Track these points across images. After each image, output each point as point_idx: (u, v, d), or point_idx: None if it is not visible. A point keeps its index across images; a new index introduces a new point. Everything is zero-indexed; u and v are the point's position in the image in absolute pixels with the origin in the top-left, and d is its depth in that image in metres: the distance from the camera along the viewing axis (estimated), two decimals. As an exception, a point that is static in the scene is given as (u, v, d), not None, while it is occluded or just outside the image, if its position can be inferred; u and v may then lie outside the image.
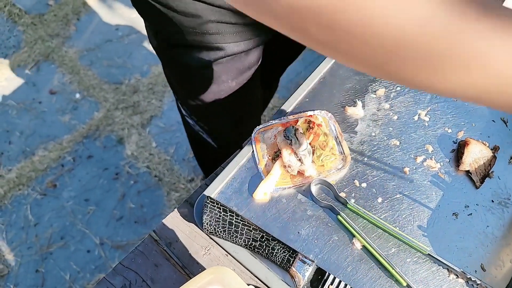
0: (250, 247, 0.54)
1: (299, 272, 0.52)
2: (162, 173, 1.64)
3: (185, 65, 0.73)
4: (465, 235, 0.56)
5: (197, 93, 0.78)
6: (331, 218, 0.57)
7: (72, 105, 1.82)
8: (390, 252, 0.55)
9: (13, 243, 1.49)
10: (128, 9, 2.13)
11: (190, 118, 0.91)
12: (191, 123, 0.93)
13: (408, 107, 0.67)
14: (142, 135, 1.74)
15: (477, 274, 0.53)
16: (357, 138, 0.64)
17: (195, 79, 0.75)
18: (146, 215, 1.55)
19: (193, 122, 0.91)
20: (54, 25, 2.07)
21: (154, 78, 1.89)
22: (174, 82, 0.84)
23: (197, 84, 0.76)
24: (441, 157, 0.62)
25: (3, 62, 1.96)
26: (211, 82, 0.74)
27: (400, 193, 0.59)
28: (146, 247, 0.56)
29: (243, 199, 0.59)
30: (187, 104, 0.86)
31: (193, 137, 1.02)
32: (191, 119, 0.91)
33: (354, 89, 0.68)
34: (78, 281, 1.40)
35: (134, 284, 0.53)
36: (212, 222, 0.54)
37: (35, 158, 1.67)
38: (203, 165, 1.29)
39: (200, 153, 1.20)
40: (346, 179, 0.61)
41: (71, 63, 1.94)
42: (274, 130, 0.64)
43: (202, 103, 0.80)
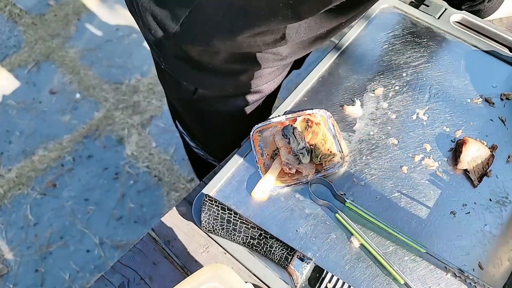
0: (248, 245, 0.54)
1: (297, 270, 0.52)
2: (162, 173, 1.64)
3: (218, 112, 0.72)
4: (463, 234, 0.56)
5: (215, 131, 0.77)
6: (329, 216, 0.58)
7: (72, 105, 1.82)
8: (388, 251, 0.55)
9: (12, 242, 1.49)
10: (128, 9, 2.13)
11: (201, 150, 0.90)
12: (202, 154, 0.92)
13: (407, 106, 0.67)
14: (142, 135, 1.74)
15: (475, 273, 0.54)
16: (356, 137, 0.64)
17: (224, 123, 0.74)
18: (146, 215, 1.56)
19: (204, 153, 0.90)
20: (54, 25, 2.08)
21: (154, 78, 1.89)
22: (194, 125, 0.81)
23: (223, 126, 0.75)
24: (439, 156, 0.62)
25: (3, 62, 1.96)
26: (240, 121, 0.73)
27: (398, 191, 0.59)
28: (145, 245, 0.56)
29: (241, 197, 0.59)
30: (200, 140, 0.85)
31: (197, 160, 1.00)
32: (202, 151, 0.90)
33: (353, 88, 0.69)
34: (77, 281, 1.41)
35: (132, 282, 0.53)
36: (210, 220, 0.54)
37: (35, 157, 1.67)
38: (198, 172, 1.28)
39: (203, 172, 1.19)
40: (344, 177, 0.61)
41: (72, 63, 1.95)
42: (272, 128, 0.65)
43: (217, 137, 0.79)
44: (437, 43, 0.73)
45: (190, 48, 0.61)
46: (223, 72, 0.64)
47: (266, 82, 0.67)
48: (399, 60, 0.71)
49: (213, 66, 0.63)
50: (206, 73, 0.64)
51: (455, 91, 0.68)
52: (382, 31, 0.75)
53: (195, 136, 0.86)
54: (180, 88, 0.71)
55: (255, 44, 0.58)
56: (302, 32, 0.57)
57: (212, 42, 0.57)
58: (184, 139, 0.92)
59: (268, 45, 0.58)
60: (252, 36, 0.56)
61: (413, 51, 0.72)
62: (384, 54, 0.72)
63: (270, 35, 0.56)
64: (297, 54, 0.64)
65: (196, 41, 0.59)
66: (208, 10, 0.54)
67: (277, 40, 0.57)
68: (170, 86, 0.74)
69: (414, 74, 0.70)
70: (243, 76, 0.65)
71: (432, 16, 0.75)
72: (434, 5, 0.77)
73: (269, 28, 0.54)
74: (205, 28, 0.56)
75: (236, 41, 0.56)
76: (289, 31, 0.56)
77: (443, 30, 0.74)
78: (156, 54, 0.67)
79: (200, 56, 0.62)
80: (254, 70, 0.64)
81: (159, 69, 0.73)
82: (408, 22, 0.76)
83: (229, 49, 0.59)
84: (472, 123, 0.65)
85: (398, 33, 0.74)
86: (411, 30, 0.75)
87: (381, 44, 0.73)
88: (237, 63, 0.62)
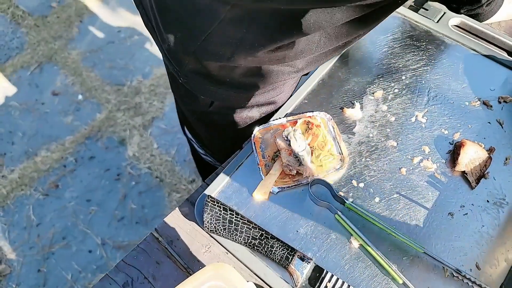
0: (249, 245, 0.55)
1: (297, 270, 0.53)
2: (164, 174, 1.65)
3: (232, 124, 0.72)
4: (461, 235, 0.57)
5: (227, 140, 0.77)
6: (329, 217, 0.59)
7: (75, 106, 1.84)
8: (386, 251, 0.56)
9: (15, 243, 1.50)
10: (130, 11, 2.15)
11: (209, 157, 0.90)
12: (210, 161, 0.92)
13: (406, 109, 0.68)
14: (143, 136, 1.75)
15: (472, 273, 0.55)
16: (355, 139, 0.65)
17: (236, 133, 0.75)
18: (147, 215, 1.57)
19: (213, 159, 0.91)
20: (57, 27, 2.09)
21: (156, 80, 1.90)
22: (205, 134, 0.81)
23: (236, 136, 0.75)
24: (437, 158, 0.63)
25: (6, 63, 1.98)
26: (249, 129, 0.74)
27: (397, 193, 0.60)
28: (148, 245, 0.57)
29: (243, 198, 0.60)
30: (210, 148, 0.85)
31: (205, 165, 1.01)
32: (212, 157, 0.90)
33: (352, 91, 0.70)
34: (79, 281, 1.42)
35: (136, 281, 0.54)
36: (212, 221, 0.55)
37: (37, 158, 1.68)
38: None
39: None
40: (344, 179, 0.62)
41: (74, 65, 1.96)
42: (273, 131, 0.66)
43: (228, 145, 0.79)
44: (436, 46, 0.74)
45: (210, 64, 0.61)
46: (240, 85, 0.64)
47: (280, 93, 0.68)
48: (398, 63, 0.72)
49: (230, 80, 0.64)
50: (223, 87, 0.65)
51: (454, 94, 0.69)
52: (381, 35, 0.76)
53: (205, 144, 0.87)
54: (196, 101, 0.71)
55: (275, 58, 0.58)
56: (323, 44, 0.57)
57: (234, 58, 0.58)
58: (193, 146, 0.93)
59: (288, 58, 0.59)
60: (273, 51, 0.57)
61: (412, 55, 0.73)
62: (384, 57, 0.73)
63: (291, 49, 0.57)
64: (312, 66, 0.65)
65: (217, 58, 0.59)
66: (231, 27, 0.55)
67: (297, 54, 0.58)
68: (185, 98, 0.74)
69: (413, 77, 0.71)
70: (259, 89, 0.65)
71: (431, 20, 0.77)
72: (433, 9, 0.78)
73: (291, 40, 0.55)
74: (226, 45, 0.57)
75: (257, 56, 0.57)
76: (310, 45, 0.57)
77: (442, 33, 0.75)
78: (173, 68, 0.67)
79: (219, 71, 0.62)
80: (270, 83, 0.64)
81: (174, 80, 0.73)
82: (407, 26, 0.77)
83: (249, 64, 0.59)
84: (470, 125, 0.66)
85: (398, 36, 0.75)
86: (410, 33, 0.76)
87: (380, 48, 0.74)
88: (254, 76, 0.63)
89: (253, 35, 0.54)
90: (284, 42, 0.55)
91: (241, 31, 0.54)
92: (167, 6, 0.59)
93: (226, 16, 0.53)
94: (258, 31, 0.54)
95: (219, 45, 0.57)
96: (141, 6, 0.67)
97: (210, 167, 0.96)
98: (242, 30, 0.54)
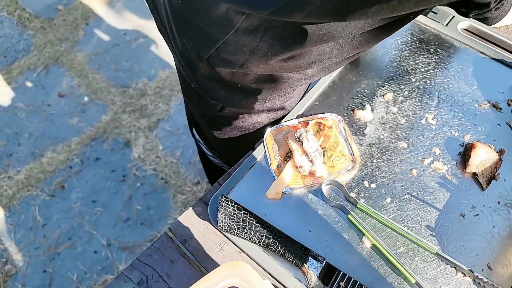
0: (263, 245, 0.56)
1: (310, 269, 0.54)
2: (169, 176, 1.66)
3: (241, 128, 0.73)
4: (472, 235, 0.58)
5: (235, 144, 0.78)
6: (341, 217, 0.59)
7: (80, 108, 1.85)
8: (399, 251, 0.56)
9: (21, 243, 1.50)
10: (135, 14, 2.16)
11: (217, 159, 0.91)
12: (216, 162, 0.93)
13: (416, 111, 0.68)
14: (149, 138, 1.76)
15: (484, 273, 0.55)
16: (366, 140, 0.66)
17: (244, 137, 0.75)
18: (153, 217, 1.57)
19: (220, 162, 0.92)
20: (63, 29, 2.11)
21: (161, 82, 1.91)
22: (213, 138, 0.82)
23: (243, 140, 0.76)
24: (448, 160, 0.64)
25: (13, 65, 1.99)
26: (258, 133, 0.75)
27: (408, 194, 0.61)
28: (162, 243, 0.58)
29: (255, 198, 0.61)
30: (218, 150, 0.86)
31: (212, 167, 1.02)
32: (219, 160, 0.91)
33: (363, 93, 0.70)
34: (85, 282, 1.42)
35: (151, 279, 0.55)
36: (226, 220, 0.56)
37: (43, 159, 1.69)
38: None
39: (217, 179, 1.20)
40: (355, 180, 0.62)
41: (80, 67, 1.97)
42: (285, 132, 0.66)
43: (236, 149, 0.80)
44: (445, 49, 0.75)
45: (222, 70, 0.62)
46: (251, 91, 0.65)
47: (289, 99, 0.69)
48: (408, 66, 0.73)
49: (242, 86, 0.64)
50: (234, 92, 0.66)
51: (463, 96, 0.70)
52: (391, 38, 0.76)
53: (213, 146, 0.87)
54: (207, 105, 0.72)
55: (287, 67, 0.59)
56: (334, 55, 0.58)
57: (247, 65, 0.59)
58: (200, 147, 0.94)
59: (300, 68, 0.60)
60: (285, 60, 0.57)
61: (421, 57, 0.74)
62: (393, 60, 0.74)
63: (303, 59, 0.58)
64: (323, 73, 0.66)
65: (230, 65, 0.60)
66: (245, 36, 0.55)
67: (309, 63, 0.59)
68: (196, 102, 0.75)
69: (423, 79, 0.72)
70: (269, 95, 0.66)
71: (440, 23, 0.77)
72: (442, 13, 0.79)
73: (304, 50, 0.55)
74: (240, 53, 0.57)
75: (269, 64, 0.58)
76: (322, 55, 0.58)
77: (451, 37, 0.76)
78: (186, 73, 0.68)
79: (231, 77, 0.63)
80: (281, 89, 0.65)
81: (185, 83, 0.74)
82: (417, 29, 0.78)
83: (262, 72, 0.60)
84: (480, 127, 0.66)
85: (407, 39, 0.76)
86: (419, 36, 0.77)
87: (390, 51, 0.75)
88: (265, 83, 0.64)
89: (266, 44, 0.55)
90: (297, 51, 0.55)
91: (255, 40, 0.55)
92: (183, 14, 0.60)
93: (241, 25, 0.54)
94: (271, 40, 0.55)
95: (233, 53, 0.58)
96: (155, 11, 0.68)
97: (217, 169, 0.97)
98: (256, 39, 0.55)
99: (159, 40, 2.06)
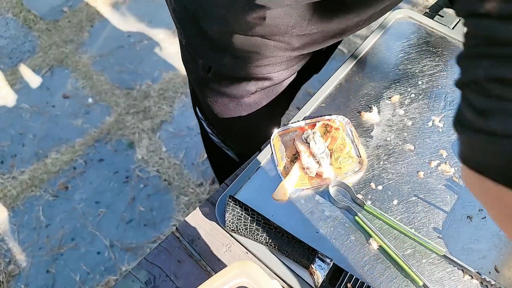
0: (270, 245, 0.56)
1: (317, 270, 0.54)
2: (172, 177, 1.66)
3: (229, 94, 0.74)
4: (479, 238, 0.58)
5: (232, 118, 0.79)
6: (348, 219, 0.59)
7: (85, 109, 1.85)
8: (406, 253, 0.56)
9: (24, 243, 1.50)
10: (140, 17, 2.17)
11: (216, 137, 0.93)
12: (216, 141, 0.94)
13: (422, 114, 0.69)
14: (152, 139, 1.76)
15: (491, 275, 0.55)
16: (373, 142, 0.66)
17: (235, 108, 0.77)
18: (156, 218, 1.57)
19: (219, 140, 0.93)
20: (68, 31, 2.12)
21: (165, 84, 1.92)
22: (208, 109, 0.84)
23: (235, 111, 0.77)
24: (455, 162, 0.64)
25: (18, 67, 2.00)
26: (251, 108, 0.76)
27: (415, 196, 0.61)
28: (170, 243, 0.58)
29: (262, 199, 0.61)
30: (216, 126, 0.88)
31: (214, 150, 1.04)
32: (217, 137, 0.92)
33: (370, 95, 0.71)
34: (88, 283, 1.42)
35: (158, 279, 0.55)
36: (234, 220, 0.56)
37: (47, 160, 1.70)
38: (219, 173, 1.30)
39: (219, 163, 1.21)
40: (362, 181, 0.62)
41: (84, 69, 1.98)
42: (292, 133, 0.67)
43: (233, 126, 0.81)
44: (452, 52, 0.75)
45: (209, 28, 0.64)
46: (236, 53, 0.66)
47: (277, 71, 0.70)
48: (415, 69, 0.73)
49: (227, 47, 0.66)
50: (220, 53, 0.67)
51: (470, 99, 0.70)
52: (397, 41, 0.77)
53: (212, 123, 0.90)
54: (197, 66, 0.75)
55: (265, 29, 0.60)
56: (297, 24, 0.60)
57: (228, 21, 0.60)
58: (202, 125, 0.96)
59: (276, 33, 0.61)
60: (261, 19, 0.59)
61: (428, 60, 0.74)
62: (400, 63, 0.74)
63: (283, 19, 0.59)
64: (308, 48, 0.67)
65: (213, 20, 0.62)
66: None
67: (288, 28, 0.60)
68: (189, 64, 0.78)
69: (430, 82, 0.72)
70: (254, 61, 0.67)
71: (446, 27, 0.78)
72: (448, 16, 0.79)
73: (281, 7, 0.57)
74: (221, 7, 0.60)
75: (248, 21, 0.59)
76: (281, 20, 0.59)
77: (457, 40, 0.76)
78: (179, 32, 0.72)
79: (218, 35, 0.65)
80: (266, 57, 0.66)
81: (182, 48, 0.78)
82: (423, 32, 0.78)
83: (244, 29, 0.62)
84: (487, 130, 0.66)
85: (414, 42, 0.77)
86: (426, 39, 0.77)
87: (396, 53, 0.75)
88: (251, 47, 0.65)
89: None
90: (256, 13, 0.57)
91: None
92: None
93: None
94: None
95: (214, 6, 0.61)
96: None
97: (215, 148, 0.99)
98: None
99: (163, 42, 2.07)
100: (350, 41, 1.96)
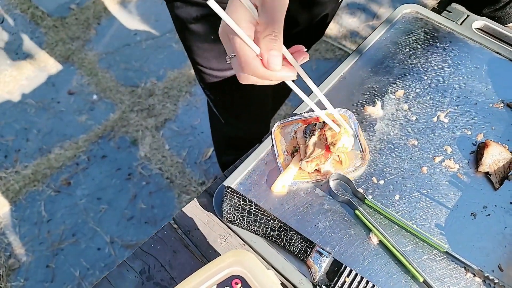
0: (268, 237, 0.54)
1: (315, 263, 0.52)
2: (174, 176, 1.66)
3: (180, 19, 0.77)
4: (483, 235, 0.56)
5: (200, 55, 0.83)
6: (348, 212, 0.58)
7: (89, 106, 1.86)
8: (407, 249, 0.55)
9: (25, 238, 1.50)
10: (146, 15, 2.18)
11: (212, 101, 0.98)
12: (212, 105, 1.01)
13: (427, 109, 0.67)
14: (155, 137, 1.76)
15: (495, 274, 0.53)
16: (376, 136, 0.65)
17: (190, 36, 0.80)
18: (157, 216, 1.56)
19: (213, 104, 0.99)
20: (75, 28, 2.13)
21: (170, 83, 1.92)
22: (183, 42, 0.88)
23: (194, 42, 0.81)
24: (460, 158, 0.62)
25: (24, 62, 2.01)
26: (206, 40, 0.78)
27: (417, 191, 0.60)
28: (165, 233, 0.57)
29: (261, 191, 0.60)
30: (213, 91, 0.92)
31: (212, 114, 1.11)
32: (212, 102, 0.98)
33: (374, 90, 0.69)
34: (87, 278, 1.41)
35: (153, 269, 0.54)
36: (231, 211, 0.55)
37: (51, 156, 1.70)
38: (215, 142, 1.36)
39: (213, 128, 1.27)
40: (364, 175, 0.61)
41: (90, 66, 1.99)
42: (294, 126, 0.65)
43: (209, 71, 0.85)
44: (459, 48, 0.73)
45: None
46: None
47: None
48: (421, 64, 0.72)
49: None
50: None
51: (477, 95, 0.68)
52: (403, 35, 0.75)
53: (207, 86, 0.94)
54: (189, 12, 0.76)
55: None
56: None
57: None
58: (207, 94, 0.99)
59: None
60: None
61: (434, 55, 0.73)
62: (406, 58, 0.73)
63: None
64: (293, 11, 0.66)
65: None
66: None
67: None
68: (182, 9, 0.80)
69: (436, 77, 0.70)
70: None
71: (454, 22, 0.76)
72: (456, 12, 0.78)
73: None
74: None
75: None
76: None
77: (465, 36, 0.75)
78: None
79: None
80: None
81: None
82: (430, 27, 0.77)
83: None
84: (494, 127, 0.65)
85: (420, 37, 0.75)
86: (433, 35, 0.75)
87: (402, 48, 0.74)
88: None
89: None
90: None
91: None
92: None
93: None
94: None
95: None
96: None
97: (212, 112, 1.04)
98: None
99: (169, 41, 2.07)
100: (357, 41, 1.95)
